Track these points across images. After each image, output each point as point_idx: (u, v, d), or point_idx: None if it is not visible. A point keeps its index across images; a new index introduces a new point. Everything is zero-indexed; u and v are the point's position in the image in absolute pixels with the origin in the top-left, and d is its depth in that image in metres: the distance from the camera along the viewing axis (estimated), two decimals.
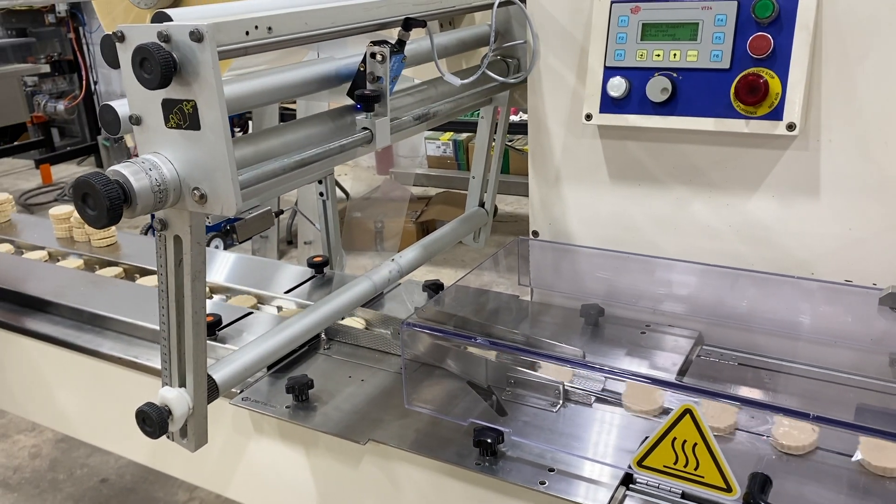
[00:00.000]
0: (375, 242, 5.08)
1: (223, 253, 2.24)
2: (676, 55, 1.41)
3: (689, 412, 1.08)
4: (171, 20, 0.99)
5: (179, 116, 0.96)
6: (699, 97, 1.40)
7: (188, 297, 1.09)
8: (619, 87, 1.45)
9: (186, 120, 0.96)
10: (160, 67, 0.90)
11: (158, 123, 0.98)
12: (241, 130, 5.35)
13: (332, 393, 1.47)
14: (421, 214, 5.27)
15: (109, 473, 3.10)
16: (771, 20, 1.32)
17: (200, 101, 0.94)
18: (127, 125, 1.01)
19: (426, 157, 6.29)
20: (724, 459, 1.07)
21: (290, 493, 1.51)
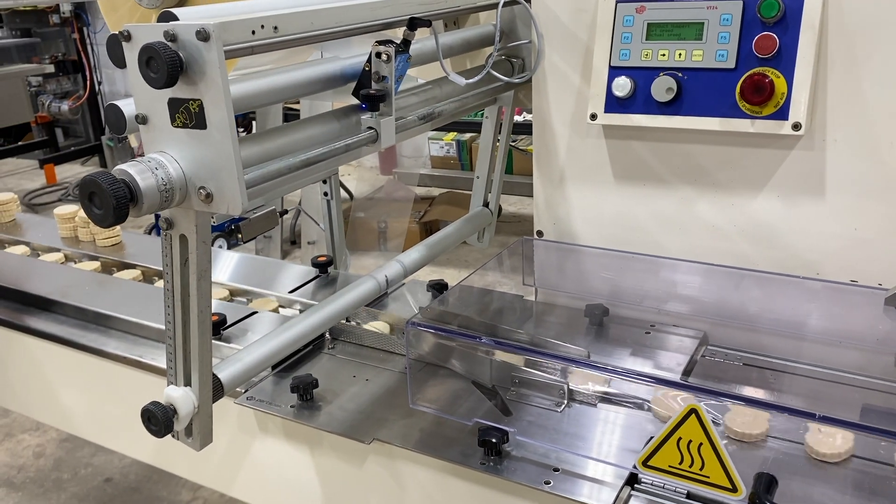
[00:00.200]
0: (379, 242, 5.08)
1: (227, 252, 2.24)
2: (682, 55, 1.41)
3: (694, 412, 1.07)
4: (177, 19, 0.99)
5: (185, 115, 0.96)
6: (704, 97, 1.39)
7: (194, 296, 1.10)
8: (624, 86, 1.45)
9: (192, 119, 0.96)
10: (167, 66, 0.90)
11: (164, 123, 0.98)
12: (244, 130, 5.35)
13: (336, 392, 1.47)
14: (424, 214, 5.27)
15: (113, 473, 3.11)
16: (776, 20, 1.32)
17: (207, 100, 0.94)
18: (133, 124, 1.01)
19: (429, 157, 6.29)
20: (729, 459, 1.07)
21: (294, 492, 1.51)
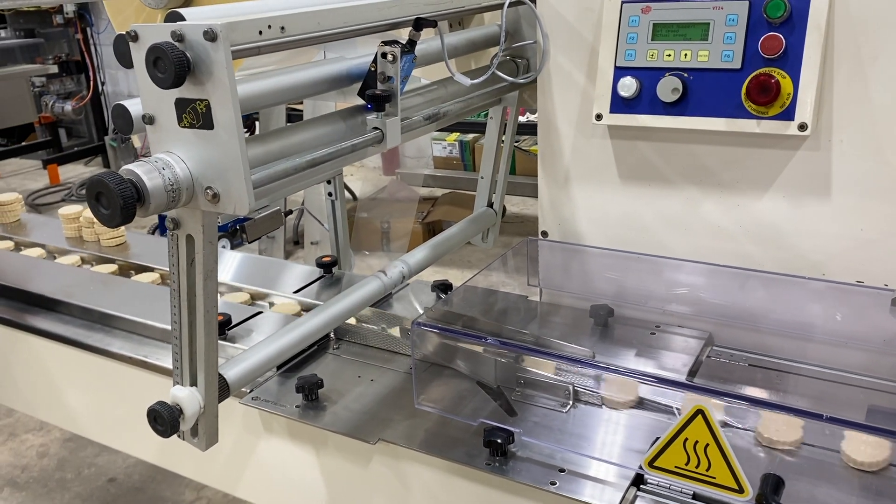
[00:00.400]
0: (382, 243, 5.08)
1: (231, 253, 2.24)
2: (687, 55, 1.40)
3: (701, 413, 1.07)
4: (184, 20, 0.99)
5: (193, 116, 0.96)
6: (710, 97, 1.39)
7: (200, 296, 1.10)
8: (629, 87, 1.45)
9: (200, 119, 0.96)
10: (174, 67, 0.90)
11: (171, 123, 0.98)
12: (247, 131, 5.34)
13: (341, 392, 1.47)
14: (427, 215, 5.27)
15: (117, 473, 3.11)
16: (783, 20, 1.31)
17: (214, 100, 0.94)
18: (139, 124, 1.01)
19: (432, 157, 6.29)
20: (735, 460, 1.06)
21: (299, 492, 1.51)
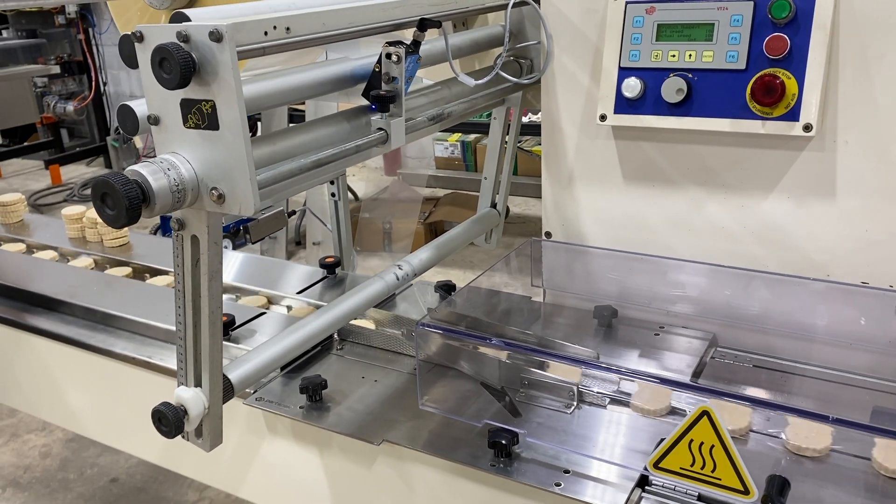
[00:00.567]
0: (384, 243, 5.08)
1: (234, 253, 2.24)
2: (692, 56, 1.40)
3: (706, 414, 1.07)
4: (189, 20, 0.99)
5: (198, 116, 0.96)
6: (715, 98, 1.39)
7: (205, 296, 1.10)
8: (633, 87, 1.45)
9: (205, 120, 0.96)
10: (180, 67, 0.90)
11: (177, 123, 0.98)
12: (250, 132, 5.34)
13: (345, 393, 1.47)
14: (429, 216, 5.27)
15: (119, 473, 3.11)
16: (787, 20, 1.31)
17: (219, 101, 0.94)
18: (145, 125, 1.01)
19: (434, 158, 6.29)
20: (741, 462, 1.06)
21: (303, 493, 1.51)
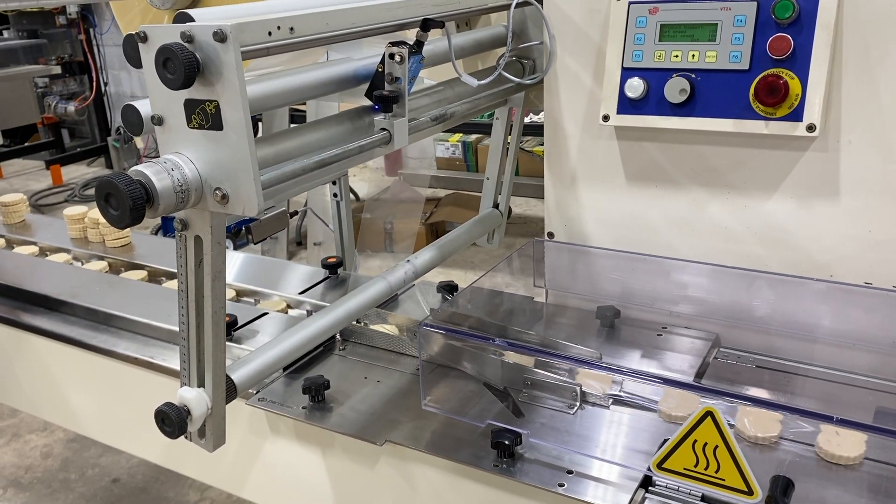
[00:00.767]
0: (385, 244, 5.08)
1: (236, 253, 2.24)
2: (695, 56, 1.40)
3: (710, 414, 1.07)
4: (193, 21, 0.99)
5: (202, 117, 0.96)
6: (718, 98, 1.39)
7: (208, 297, 1.10)
8: (636, 88, 1.45)
9: (209, 120, 0.96)
10: (184, 68, 0.90)
11: (181, 124, 0.98)
12: None
13: (347, 394, 1.47)
14: (430, 216, 5.27)
15: (121, 473, 3.11)
16: (791, 21, 1.31)
17: (223, 101, 0.94)
18: (150, 125, 1.01)
19: (435, 158, 6.29)
20: (745, 462, 1.06)
21: (305, 493, 1.51)
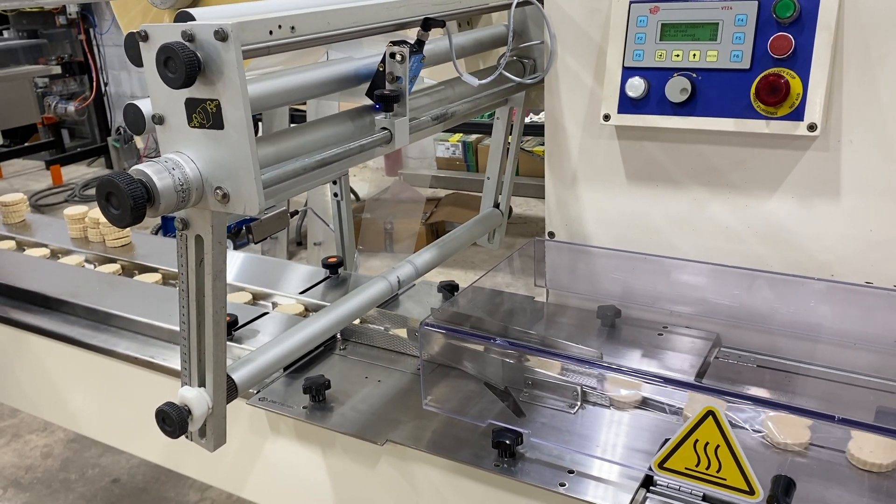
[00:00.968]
0: (385, 244, 5.08)
1: (236, 253, 2.24)
2: (696, 55, 1.40)
3: (711, 414, 1.07)
4: (194, 20, 0.99)
5: (203, 116, 0.96)
6: (719, 97, 1.39)
7: (209, 296, 1.10)
8: (637, 87, 1.45)
9: (210, 119, 0.96)
10: (185, 67, 0.90)
11: (181, 123, 0.98)
12: None
13: (348, 393, 1.47)
14: (430, 216, 5.27)
15: (121, 473, 3.11)
16: (792, 20, 1.31)
17: (224, 100, 0.94)
18: (151, 124, 1.01)
19: (435, 158, 6.29)
20: (746, 462, 1.06)
21: (306, 493, 1.51)
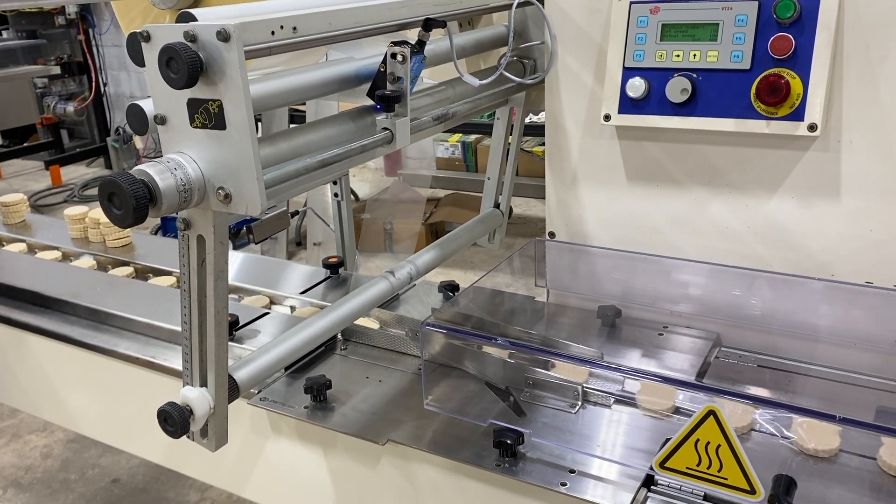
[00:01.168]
0: (385, 244, 5.08)
1: (236, 253, 2.24)
2: (696, 56, 1.40)
3: (712, 413, 1.07)
4: (196, 20, 0.99)
5: (205, 116, 0.96)
6: (719, 98, 1.39)
7: (210, 296, 1.10)
8: (638, 87, 1.45)
9: (212, 119, 0.96)
10: (187, 67, 0.90)
11: (183, 123, 0.98)
12: None
13: (349, 393, 1.47)
14: (430, 216, 5.27)
15: (121, 474, 3.11)
16: (792, 20, 1.31)
17: (226, 100, 0.94)
18: (153, 124, 1.01)
19: (435, 158, 6.29)
20: (748, 461, 1.06)
21: (307, 493, 1.51)
